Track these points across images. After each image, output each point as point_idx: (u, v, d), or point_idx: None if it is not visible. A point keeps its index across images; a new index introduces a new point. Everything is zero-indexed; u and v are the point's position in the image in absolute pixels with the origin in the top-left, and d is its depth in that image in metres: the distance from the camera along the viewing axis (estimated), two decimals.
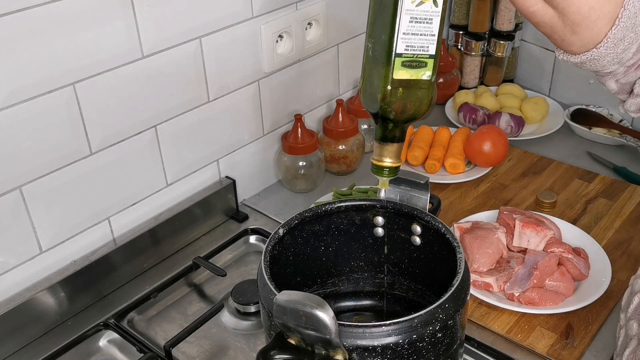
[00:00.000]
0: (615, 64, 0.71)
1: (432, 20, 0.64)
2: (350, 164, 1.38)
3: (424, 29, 0.64)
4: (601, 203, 1.27)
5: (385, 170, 0.72)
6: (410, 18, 0.63)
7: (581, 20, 0.68)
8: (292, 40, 1.27)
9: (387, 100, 0.66)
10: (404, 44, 0.64)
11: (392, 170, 0.72)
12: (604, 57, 0.70)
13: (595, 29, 0.68)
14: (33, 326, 1.02)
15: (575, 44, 0.71)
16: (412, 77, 0.66)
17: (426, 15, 0.64)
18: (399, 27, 0.63)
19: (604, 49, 0.69)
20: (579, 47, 0.70)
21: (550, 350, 0.96)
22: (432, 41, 0.65)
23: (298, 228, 0.82)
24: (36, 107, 0.93)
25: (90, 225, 1.07)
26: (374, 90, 0.67)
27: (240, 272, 1.16)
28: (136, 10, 1.00)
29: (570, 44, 0.71)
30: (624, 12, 0.66)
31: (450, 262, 0.74)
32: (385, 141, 0.71)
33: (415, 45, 0.65)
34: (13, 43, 0.88)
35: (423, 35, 0.64)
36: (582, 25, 0.68)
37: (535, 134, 1.50)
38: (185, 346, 1.00)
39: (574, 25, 0.69)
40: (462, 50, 1.69)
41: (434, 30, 0.65)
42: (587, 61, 0.71)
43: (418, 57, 0.65)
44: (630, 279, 1.04)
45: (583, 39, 0.70)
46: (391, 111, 0.67)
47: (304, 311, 0.62)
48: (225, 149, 1.25)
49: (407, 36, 0.64)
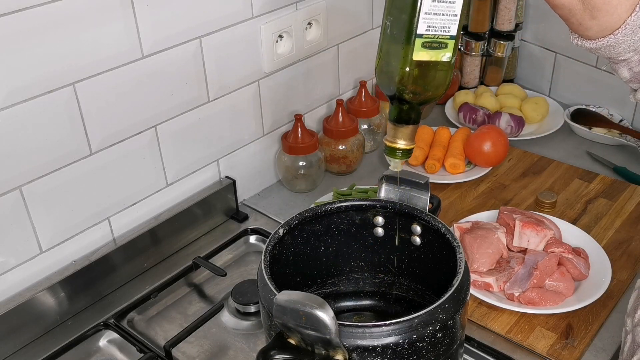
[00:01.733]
0: (631, 52, 0.70)
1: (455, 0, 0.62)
2: (350, 164, 1.38)
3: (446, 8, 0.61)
4: (601, 203, 1.27)
5: (398, 152, 0.70)
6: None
7: (602, 4, 0.67)
8: (292, 40, 1.27)
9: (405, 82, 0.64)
10: (426, 24, 0.61)
11: (405, 152, 0.70)
12: (621, 44, 0.69)
13: (615, 14, 0.67)
14: (33, 326, 1.02)
15: (592, 28, 0.69)
16: (432, 59, 0.63)
17: None
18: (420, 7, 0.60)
19: (622, 35, 0.68)
20: (596, 32, 0.69)
21: (550, 350, 0.96)
22: (454, 21, 0.62)
23: (298, 228, 0.82)
24: (36, 107, 0.93)
25: (90, 225, 1.07)
26: (391, 70, 0.65)
27: (240, 272, 1.16)
28: (136, 10, 1.00)
29: (588, 29, 0.70)
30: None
31: (450, 262, 0.74)
32: (400, 122, 0.68)
33: (436, 25, 0.62)
34: (13, 43, 0.88)
35: (445, 15, 0.62)
36: (602, 10, 0.67)
37: (535, 134, 1.50)
38: (185, 346, 1.00)
39: (594, 10, 0.68)
40: (462, 50, 1.69)
41: (456, 10, 0.62)
42: (603, 47, 0.70)
43: (439, 38, 0.62)
44: (634, 281, 1.04)
45: (602, 23, 0.68)
46: (409, 92, 0.65)
47: (304, 311, 0.62)
48: (225, 149, 1.25)
49: (429, 16, 0.61)
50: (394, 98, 0.67)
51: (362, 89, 1.41)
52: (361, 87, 1.41)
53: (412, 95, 0.65)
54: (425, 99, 0.66)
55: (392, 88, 0.66)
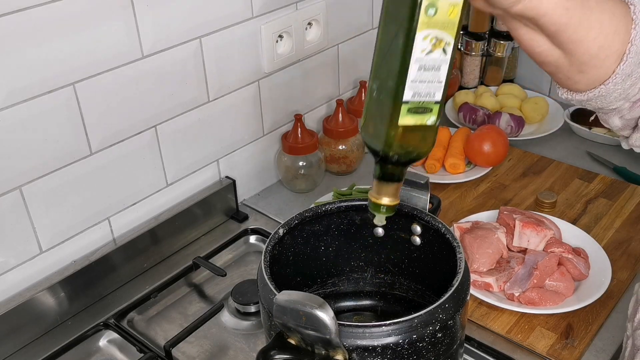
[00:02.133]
0: (621, 100, 0.70)
1: (441, 67, 0.63)
2: (350, 164, 1.38)
3: (432, 76, 0.63)
4: (601, 203, 1.27)
5: (382, 207, 0.71)
6: (419, 66, 0.62)
7: (589, 59, 0.67)
8: (292, 40, 1.27)
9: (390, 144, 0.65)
10: (412, 91, 0.62)
11: (389, 208, 0.71)
12: (611, 93, 0.69)
13: (603, 67, 0.67)
14: (33, 326, 1.02)
15: (581, 82, 0.69)
16: (417, 123, 0.64)
17: (435, 63, 0.62)
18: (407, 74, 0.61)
19: (612, 85, 0.68)
20: (585, 84, 0.69)
21: (550, 350, 0.96)
22: (439, 88, 0.63)
23: (298, 228, 0.82)
24: (36, 107, 0.93)
25: (90, 225, 1.07)
26: (377, 132, 0.66)
27: (240, 272, 1.16)
28: (136, 10, 1.00)
29: (576, 82, 0.70)
30: (632, 47, 0.66)
31: (450, 262, 0.74)
32: (385, 180, 0.70)
33: (422, 92, 0.63)
34: (13, 43, 0.88)
35: (431, 83, 0.63)
36: (589, 64, 0.67)
37: (535, 134, 1.50)
38: (185, 346, 1.00)
39: (582, 65, 0.67)
40: (462, 50, 1.69)
41: (441, 77, 0.63)
42: (594, 98, 0.70)
43: (424, 104, 0.64)
44: (634, 285, 1.04)
45: (590, 77, 0.68)
46: (393, 154, 0.66)
47: (304, 311, 0.62)
48: (225, 149, 1.25)
49: (415, 84, 0.62)
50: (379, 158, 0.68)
51: (362, 89, 1.41)
52: (361, 87, 1.41)
53: (396, 157, 0.66)
54: (410, 160, 0.68)
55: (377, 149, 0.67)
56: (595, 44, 0.65)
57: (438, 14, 0.60)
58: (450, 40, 0.61)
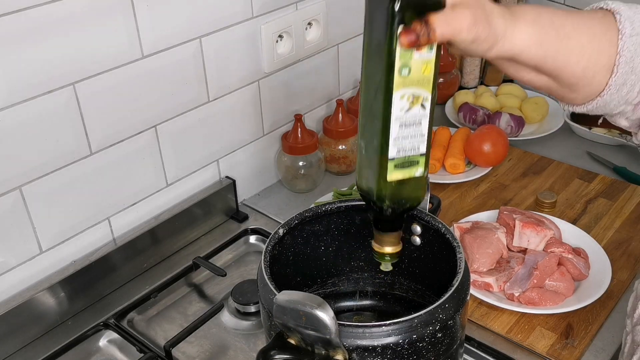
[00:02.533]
0: (622, 105, 0.71)
1: (422, 122, 0.64)
2: (350, 164, 1.38)
3: (413, 131, 0.64)
4: (601, 203, 1.27)
5: (386, 256, 0.73)
6: (400, 124, 0.63)
7: (577, 80, 0.68)
8: (292, 40, 1.27)
9: (382, 199, 0.67)
10: (396, 148, 0.64)
11: (393, 255, 0.73)
12: (609, 102, 0.70)
13: (593, 83, 0.68)
14: (33, 326, 1.02)
15: (577, 98, 0.71)
16: (405, 177, 0.66)
17: (415, 119, 0.64)
18: (389, 133, 0.63)
19: (608, 96, 0.69)
20: (581, 100, 0.71)
21: (550, 350, 0.96)
22: (422, 141, 0.65)
23: (298, 228, 0.82)
24: (36, 107, 0.93)
25: (90, 225, 1.07)
26: (369, 188, 0.68)
27: (240, 272, 1.16)
28: (136, 10, 1.00)
29: (572, 99, 0.71)
30: (620, 59, 0.66)
31: (450, 262, 0.74)
32: (385, 231, 0.71)
33: (406, 147, 0.65)
34: (13, 43, 0.88)
35: (413, 137, 0.65)
36: (579, 85, 0.68)
37: (535, 134, 1.50)
38: (185, 346, 1.00)
39: (571, 86, 0.69)
40: None
41: (423, 131, 0.65)
42: (594, 109, 0.71)
43: (410, 158, 0.65)
44: (634, 283, 1.04)
45: (584, 93, 0.70)
46: (387, 208, 0.68)
47: (304, 311, 0.62)
48: (225, 149, 1.25)
49: (398, 141, 0.64)
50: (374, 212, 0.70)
51: None
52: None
53: (390, 209, 0.68)
54: (405, 210, 0.69)
55: (371, 203, 0.69)
56: (579, 66, 0.67)
57: (412, 73, 0.61)
58: (427, 95, 0.63)
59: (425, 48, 0.60)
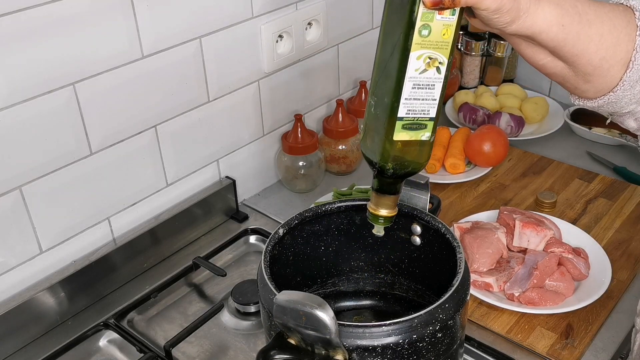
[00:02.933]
0: (633, 104, 0.70)
1: (435, 86, 0.65)
2: (350, 164, 1.38)
3: (426, 94, 0.65)
4: (601, 203, 1.27)
5: (380, 219, 0.73)
6: (413, 85, 0.64)
7: (593, 70, 0.68)
8: (292, 40, 1.27)
9: (386, 158, 0.67)
10: (406, 108, 0.65)
11: (387, 219, 0.73)
12: (621, 99, 0.69)
13: (608, 76, 0.68)
14: (33, 326, 1.02)
15: (589, 90, 0.70)
16: (411, 139, 0.66)
17: (429, 82, 0.64)
18: (401, 93, 0.64)
19: (621, 92, 0.68)
20: (594, 92, 0.70)
21: (550, 350, 0.96)
22: (433, 105, 0.66)
23: (298, 228, 0.82)
24: (36, 107, 0.93)
25: (90, 225, 1.07)
26: (374, 146, 0.68)
27: (240, 272, 1.16)
28: (136, 10, 1.00)
29: (584, 91, 0.71)
30: (637, 54, 0.66)
31: (450, 262, 0.74)
32: (382, 192, 0.72)
33: (416, 109, 0.65)
34: (13, 43, 0.88)
35: (425, 100, 0.65)
36: (594, 75, 0.68)
37: (535, 134, 1.50)
38: (185, 346, 1.00)
39: (586, 75, 0.68)
40: (462, 50, 1.69)
41: (435, 95, 0.65)
42: (605, 104, 0.71)
43: (418, 120, 0.66)
44: (634, 282, 1.04)
45: (597, 86, 0.69)
46: (390, 168, 0.68)
47: (304, 311, 0.62)
48: (225, 149, 1.25)
49: (409, 101, 0.64)
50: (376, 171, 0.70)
51: (362, 89, 1.41)
52: (361, 87, 1.41)
53: (392, 170, 0.68)
54: (406, 173, 0.70)
55: (374, 163, 0.69)
56: (597, 55, 0.66)
57: (432, 34, 0.62)
58: (443, 60, 0.64)
59: (447, 11, 0.61)
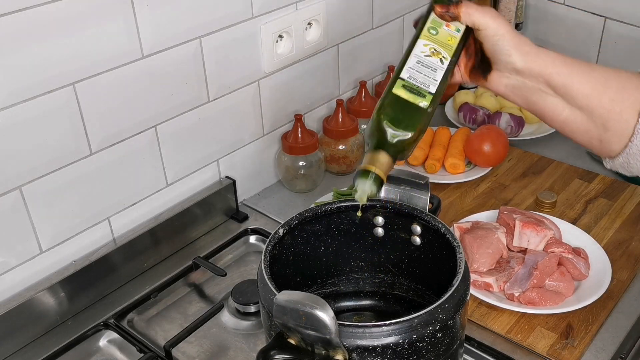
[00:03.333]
0: None
1: (437, 70, 0.78)
2: (350, 164, 1.38)
3: (428, 72, 0.78)
4: (601, 203, 1.27)
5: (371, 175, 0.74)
6: (417, 61, 0.78)
7: (607, 114, 0.74)
8: (292, 40, 1.27)
9: (382, 107, 0.77)
10: (408, 73, 0.77)
11: (376, 178, 0.74)
12: None
13: (622, 121, 0.74)
14: (33, 326, 1.02)
15: (612, 140, 0.75)
16: (408, 99, 0.76)
17: (432, 65, 0.78)
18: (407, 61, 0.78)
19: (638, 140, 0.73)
20: (617, 142, 0.75)
21: (550, 350, 0.96)
22: (433, 83, 0.77)
23: (298, 228, 0.82)
24: (36, 107, 0.93)
25: (90, 225, 1.07)
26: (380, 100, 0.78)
27: (240, 272, 1.16)
28: (136, 10, 1.00)
29: (609, 142, 0.76)
30: None
31: (450, 262, 0.74)
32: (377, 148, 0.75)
33: (417, 78, 0.77)
34: (13, 43, 0.88)
35: (426, 76, 0.77)
36: (610, 120, 0.74)
37: (535, 134, 1.50)
38: (185, 346, 1.00)
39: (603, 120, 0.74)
40: None
41: (437, 77, 0.78)
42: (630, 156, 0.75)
43: (418, 88, 0.77)
44: (634, 282, 1.04)
45: (616, 132, 0.74)
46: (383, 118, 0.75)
47: (304, 311, 0.62)
48: (225, 149, 1.25)
49: (412, 70, 0.78)
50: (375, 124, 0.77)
51: (362, 89, 1.41)
52: (361, 87, 1.41)
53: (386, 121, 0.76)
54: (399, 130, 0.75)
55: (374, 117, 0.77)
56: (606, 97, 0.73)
57: (439, 35, 0.78)
58: (446, 55, 0.78)
59: (453, 26, 0.78)
